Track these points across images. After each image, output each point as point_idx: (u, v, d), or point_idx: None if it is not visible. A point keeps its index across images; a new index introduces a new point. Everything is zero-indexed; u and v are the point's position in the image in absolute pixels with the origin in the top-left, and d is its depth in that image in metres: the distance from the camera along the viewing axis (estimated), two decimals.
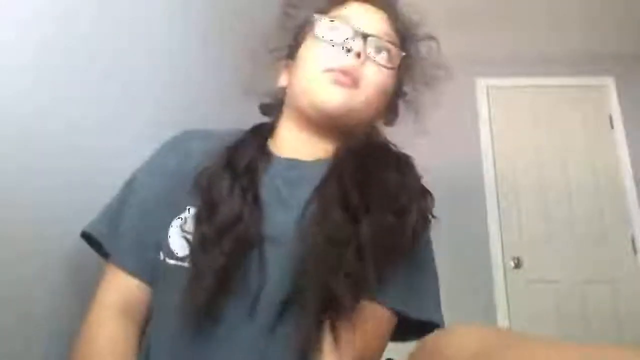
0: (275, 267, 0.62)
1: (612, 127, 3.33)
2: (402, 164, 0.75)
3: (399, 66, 0.79)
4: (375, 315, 0.65)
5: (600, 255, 3.10)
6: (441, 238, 3.44)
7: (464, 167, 3.28)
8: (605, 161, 3.27)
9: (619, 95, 3.35)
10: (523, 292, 3.05)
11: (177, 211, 0.68)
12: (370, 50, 0.74)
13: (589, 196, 3.21)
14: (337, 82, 0.70)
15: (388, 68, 0.75)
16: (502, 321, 2.98)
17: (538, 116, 3.40)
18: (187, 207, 0.67)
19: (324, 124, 0.74)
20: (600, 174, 3.25)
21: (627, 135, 3.28)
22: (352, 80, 0.70)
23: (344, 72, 0.70)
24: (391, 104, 0.83)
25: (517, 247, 3.14)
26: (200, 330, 0.59)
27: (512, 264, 3.10)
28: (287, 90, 0.80)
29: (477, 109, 3.44)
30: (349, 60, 0.71)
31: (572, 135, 3.34)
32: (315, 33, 0.75)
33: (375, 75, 0.73)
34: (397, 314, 0.67)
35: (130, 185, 0.73)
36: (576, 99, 3.41)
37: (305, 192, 0.68)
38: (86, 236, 0.71)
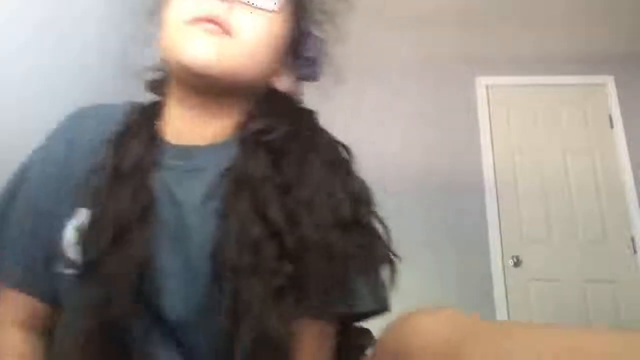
0: (173, 297, 0.54)
1: (611, 126, 3.32)
2: (333, 152, 0.64)
3: (291, 5, 0.66)
4: (312, 332, 0.57)
5: (599, 254, 3.09)
6: (441, 237, 3.45)
7: (463, 165, 3.27)
8: (605, 160, 3.27)
9: (619, 95, 3.34)
10: (522, 291, 3.04)
11: (70, 211, 0.58)
12: None
13: (589, 195, 3.21)
14: (203, 31, 0.58)
15: (266, 10, 0.61)
16: (502, 320, 2.97)
17: (538, 115, 3.40)
18: (80, 208, 0.58)
19: (204, 88, 0.61)
20: (600, 173, 3.25)
21: (627, 134, 3.27)
22: (221, 28, 0.58)
23: (209, 20, 0.58)
24: (290, 53, 0.69)
25: (516, 246, 3.13)
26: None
27: (511, 262, 3.09)
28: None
29: (476, 107, 3.43)
30: (211, 5, 0.58)
31: (572, 134, 3.33)
32: None
33: (251, 21, 0.60)
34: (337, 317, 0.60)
35: (22, 174, 0.63)
36: (576, 98, 3.41)
37: (198, 189, 0.58)
38: None
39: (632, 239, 3.09)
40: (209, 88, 0.61)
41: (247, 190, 0.56)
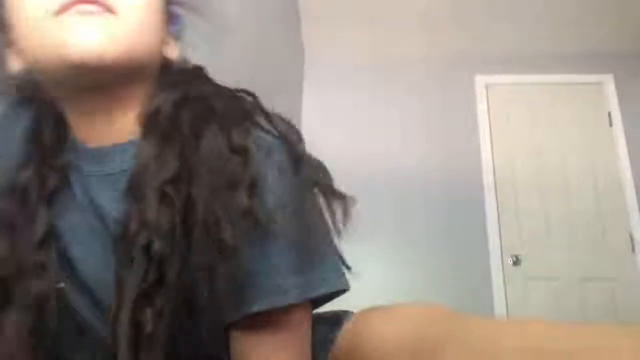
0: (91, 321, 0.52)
1: (611, 124, 3.33)
2: (233, 108, 0.55)
3: None
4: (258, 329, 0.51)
5: (598, 252, 3.09)
6: (440, 236, 3.45)
7: (462, 164, 3.28)
8: (604, 158, 3.27)
9: (618, 93, 3.34)
10: (521, 289, 3.05)
11: None
12: None
13: (588, 194, 3.21)
14: (80, 15, 0.47)
15: None
16: (500, 318, 2.98)
17: (537, 114, 3.39)
18: None
19: (89, 84, 0.50)
20: (599, 172, 3.25)
21: (626, 132, 3.27)
22: (100, 7, 0.48)
23: (82, 1, 0.47)
24: (166, 15, 0.58)
25: (515, 244, 3.14)
26: None
27: (510, 261, 3.10)
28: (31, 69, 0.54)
29: (475, 106, 3.43)
30: None
31: (571, 132, 3.33)
32: None
33: None
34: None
35: None
36: (575, 97, 3.40)
37: (110, 196, 0.52)
38: None
39: (631, 238, 3.10)
40: (96, 82, 0.50)
41: (139, 195, 0.49)
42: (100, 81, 0.50)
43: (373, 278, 3.09)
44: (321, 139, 0.62)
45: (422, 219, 3.16)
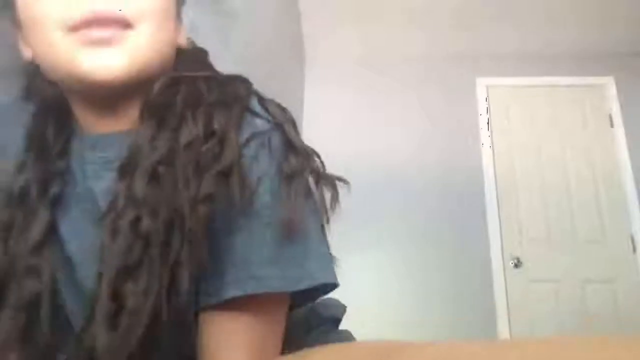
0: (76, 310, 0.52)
1: (612, 126, 3.33)
2: (225, 93, 0.54)
3: None
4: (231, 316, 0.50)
5: (599, 254, 3.09)
6: (441, 237, 3.45)
7: (463, 166, 3.28)
8: (605, 160, 3.27)
9: (619, 94, 3.34)
10: (523, 291, 3.05)
11: None
12: None
13: (589, 195, 3.21)
14: (96, 45, 0.47)
15: None
16: (502, 321, 2.98)
17: (538, 115, 3.39)
18: None
19: (107, 92, 0.51)
20: (599, 173, 3.25)
21: (627, 134, 3.27)
22: (117, 25, 0.47)
23: (99, 21, 0.46)
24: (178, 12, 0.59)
25: (516, 246, 3.14)
26: None
27: (511, 263, 3.09)
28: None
29: (477, 108, 3.43)
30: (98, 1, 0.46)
31: (572, 134, 3.34)
32: None
33: (146, 4, 0.50)
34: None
35: None
36: (576, 98, 3.41)
37: (102, 186, 0.52)
38: None
39: (632, 239, 3.10)
40: (108, 91, 0.51)
41: (129, 173, 0.49)
42: (112, 90, 0.50)
43: (373, 278, 3.09)
44: (321, 139, 0.61)
45: (422, 221, 3.16)
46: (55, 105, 0.56)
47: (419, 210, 3.18)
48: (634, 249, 3.08)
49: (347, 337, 0.65)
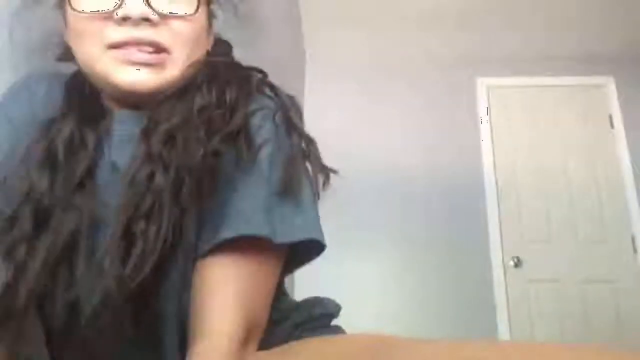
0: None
1: (612, 126, 3.33)
2: (238, 80, 0.59)
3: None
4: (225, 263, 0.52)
5: (600, 254, 3.09)
6: (441, 237, 3.45)
7: (463, 166, 3.28)
8: (605, 160, 3.27)
9: (619, 95, 3.35)
10: (523, 291, 3.05)
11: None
12: (159, 2, 0.55)
13: (589, 195, 3.21)
14: (133, 65, 0.54)
15: (191, 15, 0.57)
16: (502, 321, 2.98)
17: (538, 116, 3.40)
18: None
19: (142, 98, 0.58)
20: (600, 173, 3.25)
21: (627, 134, 3.27)
22: (156, 48, 0.55)
23: (138, 44, 0.54)
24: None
25: (517, 246, 3.14)
26: None
27: (512, 263, 3.10)
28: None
29: (477, 108, 3.43)
30: (135, 26, 0.53)
31: (572, 134, 3.34)
32: (73, 6, 0.55)
33: (179, 30, 0.57)
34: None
35: None
36: (576, 99, 3.41)
37: (126, 158, 0.55)
38: None
39: (633, 239, 3.10)
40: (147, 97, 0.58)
41: (147, 137, 0.54)
42: (145, 97, 0.57)
43: (373, 277, 3.09)
44: (321, 139, 0.62)
45: (422, 220, 3.16)
46: (85, 85, 0.61)
47: (419, 210, 3.18)
48: (635, 249, 3.08)
49: (337, 331, 0.65)
